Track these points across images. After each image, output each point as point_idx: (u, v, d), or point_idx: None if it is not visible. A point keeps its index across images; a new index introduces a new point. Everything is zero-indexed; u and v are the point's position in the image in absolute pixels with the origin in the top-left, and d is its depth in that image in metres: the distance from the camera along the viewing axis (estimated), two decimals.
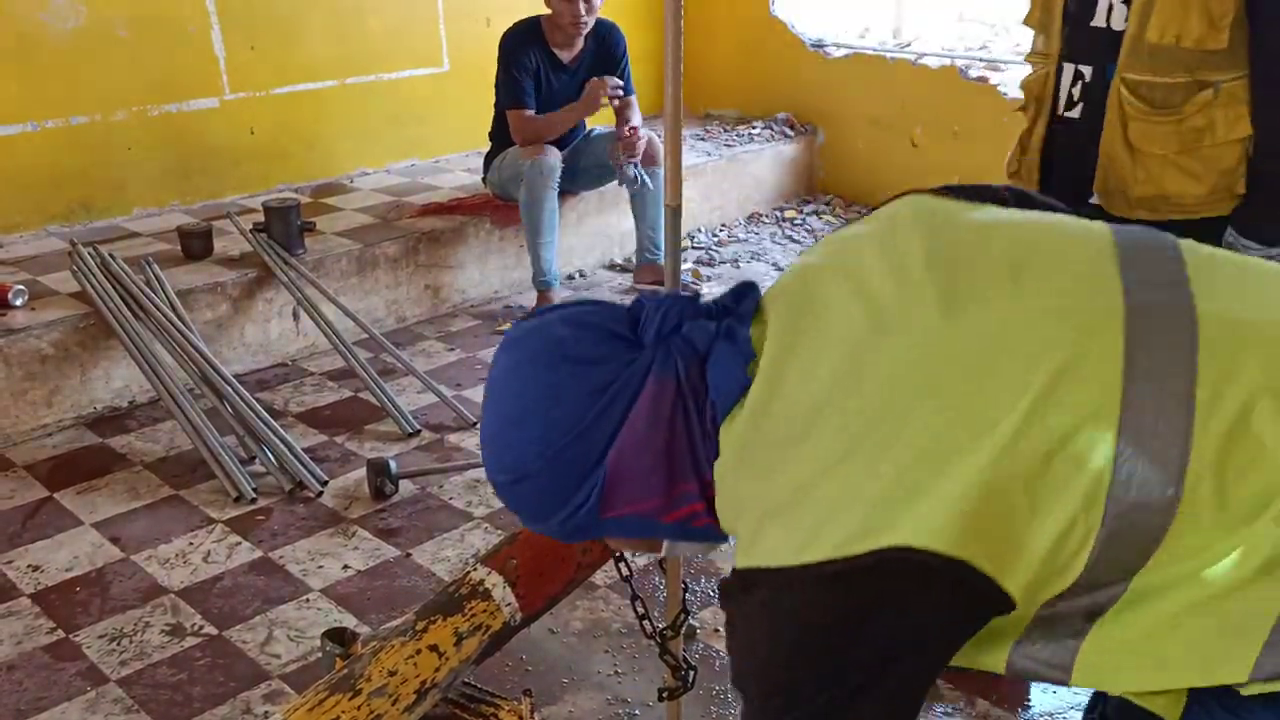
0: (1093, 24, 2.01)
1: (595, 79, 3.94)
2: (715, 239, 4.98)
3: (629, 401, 1.03)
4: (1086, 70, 2.05)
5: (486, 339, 3.96)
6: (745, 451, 0.99)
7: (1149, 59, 1.94)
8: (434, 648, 1.48)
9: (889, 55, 5.30)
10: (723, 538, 1.11)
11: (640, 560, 2.55)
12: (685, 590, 1.78)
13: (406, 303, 4.07)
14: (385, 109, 4.84)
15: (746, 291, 1.07)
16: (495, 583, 1.54)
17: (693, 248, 4.89)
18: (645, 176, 4.05)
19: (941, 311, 0.93)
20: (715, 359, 1.02)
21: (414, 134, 4.97)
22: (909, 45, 7.17)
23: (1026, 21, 2.18)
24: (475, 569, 1.57)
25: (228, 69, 4.33)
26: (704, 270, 4.59)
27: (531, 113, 3.96)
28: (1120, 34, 1.97)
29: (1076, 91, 2.06)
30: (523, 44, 3.96)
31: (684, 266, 4.59)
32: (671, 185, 1.57)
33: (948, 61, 5.13)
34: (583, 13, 3.87)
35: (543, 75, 3.98)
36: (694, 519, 1.07)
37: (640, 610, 1.79)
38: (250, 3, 4.32)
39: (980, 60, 5.16)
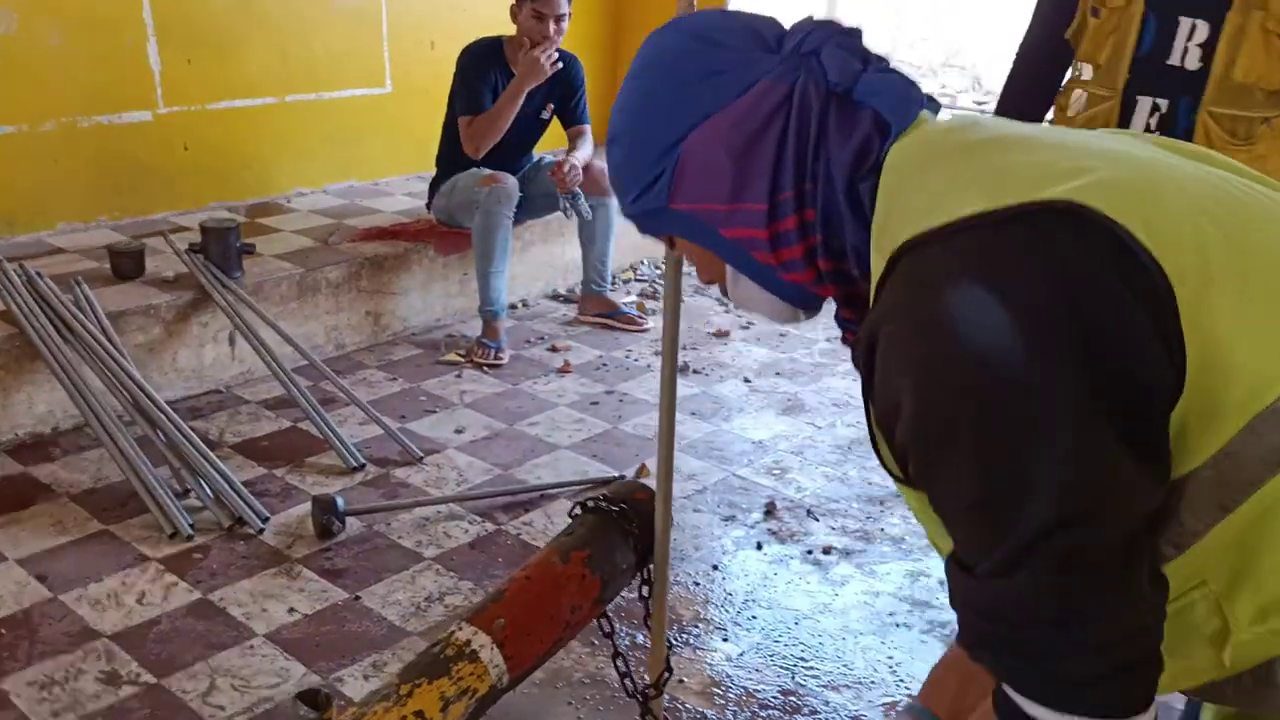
0: (1168, 62, 2.27)
1: (534, 51, 3.83)
2: (658, 271, 4.96)
3: (733, 94, 1.03)
4: (1163, 103, 2.30)
5: (429, 369, 3.87)
6: (941, 149, 0.98)
7: (1232, 96, 2.22)
8: (419, 714, 1.41)
9: None
10: (785, 291, 1.08)
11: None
12: (670, 648, 1.74)
13: (346, 329, 3.96)
14: (325, 128, 4.72)
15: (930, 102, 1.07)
16: (483, 643, 1.48)
17: (636, 279, 4.87)
18: (583, 209, 4.01)
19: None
20: (875, 84, 1.02)
21: (353, 155, 4.86)
22: None
23: (1084, 58, 2.35)
24: (461, 628, 1.50)
25: (163, 82, 4.18)
26: (648, 303, 4.55)
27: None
28: (1193, 73, 2.24)
29: (1154, 121, 2.31)
30: (484, 60, 3.91)
31: (628, 299, 4.56)
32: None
33: None
34: (551, 31, 3.83)
35: (500, 94, 3.92)
36: (752, 247, 1.05)
37: (622, 668, 1.74)
38: (189, 16, 4.19)
39: None
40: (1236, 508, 0.89)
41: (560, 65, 3.89)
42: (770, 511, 2.99)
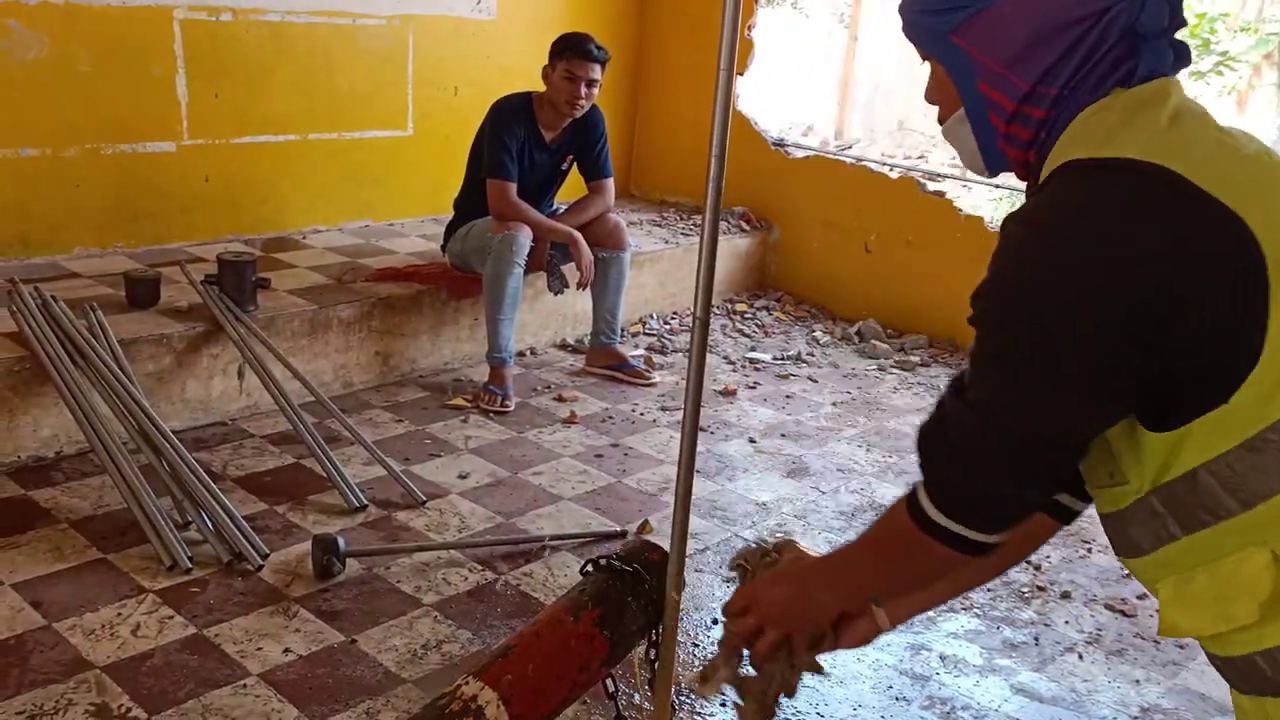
0: None
1: (589, 262, 4.02)
2: (667, 326, 4.97)
3: None
4: None
5: (435, 412, 3.86)
6: (1149, 103, 1.08)
7: None
8: None
9: (848, 160, 5.40)
10: (991, 152, 1.19)
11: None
12: (674, 713, 1.72)
13: (355, 368, 3.96)
14: (344, 168, 4.76)
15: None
16: (489, 699, 1.46)
17: (644, 333, 4.87)
18: (555, 285, 4.18)
19: None
20: (1158, 52, 1.10)
21: (370, 195, 4.90)
22: (849, 149, 7.35)
23: None
24: (467, 682, 1.48)
25: (189, 114, 4.22)
26: (656, 358, 4.56)
27: (514, 188, 3.92)
28: None
29: None
30: (514, 118, 3.95)
31: (637, 353, 4.56)
32: (703, 297, 1.53)
33: (905, 172, 5.24)
34: (582, 94, 3.88)
35: (526, 152, 3.97)
36: (994, 109, 1.14)
37: None
38: (219, 50, 4.24)
39: (920, 171, 5.26)
40: None
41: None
42: None
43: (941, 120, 1.23)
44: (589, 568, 1.67)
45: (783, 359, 4.70)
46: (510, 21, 5.13)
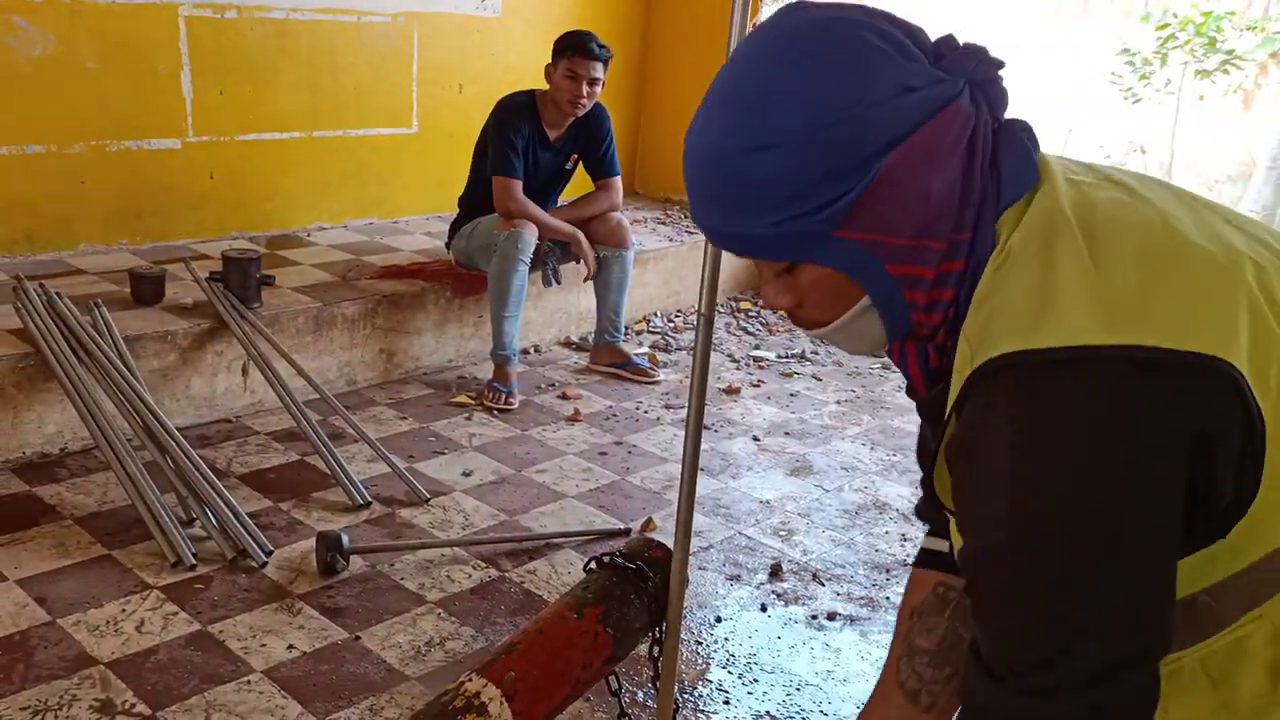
0: None
1: (592, 256, 4.05)
2: (671, 324, 4.97)
3: (925, 116, 0.91)
4: None
5: (440, 410, 3.86)
6: (1056, 227, 0.92)
7: None
8: None
9: None
10: (902, 329, 0.99)
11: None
12: (676, 710, 1.72)
13: (359, 366, 3.96)
14: (349, 165, 4.76)
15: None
16: (492, 696, 1.46)
17: (648, 331, 4.88)
18: (549, 277, 4.13)
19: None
20: (1014, 140, 0.97)
21: (375, 193, 4.90)
22: None
23: None
24: (471, 679, 1.49)
25: (194, 111, 4.22)
26: (660, 356, 4.56)
27: (519, 185, 3.92)
28: None
29: None
30: (518, 116, 3.95)
31: (641, 350, 4.56)
32: (707, 295, 1.53)
33: None
34: (583, 93, 3.88)
35: (531, 150, 3.97)
36: (912, 286, 0.95)
37: None
38: (224, 47, 4.24)
39: None
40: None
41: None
42: (775, 573, 2.97)
43: (821, 323, 1.01)
44: (592, 565, 1.67)
45: (787, 357, 4.70)
46: (515, 19, 5.14)
